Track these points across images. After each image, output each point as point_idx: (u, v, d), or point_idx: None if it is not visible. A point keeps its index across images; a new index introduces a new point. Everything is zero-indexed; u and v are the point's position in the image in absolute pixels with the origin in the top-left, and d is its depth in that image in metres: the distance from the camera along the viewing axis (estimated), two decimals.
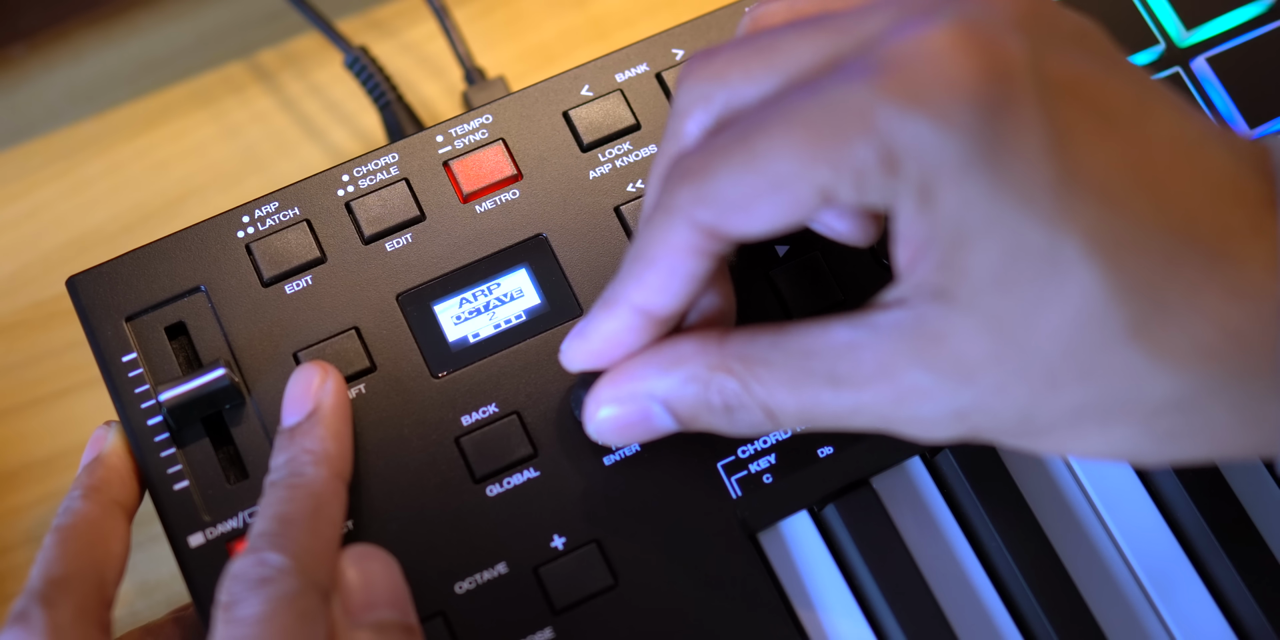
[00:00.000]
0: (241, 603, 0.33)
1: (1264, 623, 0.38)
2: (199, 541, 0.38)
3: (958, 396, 0.31)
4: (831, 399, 0.32)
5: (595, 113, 0.42)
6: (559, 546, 0.38)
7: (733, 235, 0.32)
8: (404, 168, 0.41)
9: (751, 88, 0.32)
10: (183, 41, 0.56)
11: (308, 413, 0.37)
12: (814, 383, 0.32)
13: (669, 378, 0.34)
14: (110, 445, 0.39)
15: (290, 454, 0.37)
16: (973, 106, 0.28)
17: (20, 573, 0.48)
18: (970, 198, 0.29)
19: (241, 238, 0.41)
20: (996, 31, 0.29)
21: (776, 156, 0.30)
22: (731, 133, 0.31)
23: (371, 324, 0.40)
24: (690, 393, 0.34)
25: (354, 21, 0.56)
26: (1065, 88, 0.29)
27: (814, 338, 0.32)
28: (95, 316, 0.40)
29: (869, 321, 0.31)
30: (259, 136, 0.54)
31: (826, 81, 0.30)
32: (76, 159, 0.54)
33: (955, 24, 0.29)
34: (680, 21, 0.44)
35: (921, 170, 0.29)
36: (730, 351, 0.33)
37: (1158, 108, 0.31)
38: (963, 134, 0.28)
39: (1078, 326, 0.29)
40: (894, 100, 0.29)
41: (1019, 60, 0.29)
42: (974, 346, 0.30)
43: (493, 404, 0.39)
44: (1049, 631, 0.38)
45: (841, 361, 0.32)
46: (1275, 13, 0.44)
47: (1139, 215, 0.29)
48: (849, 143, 0.29)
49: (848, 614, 0.39)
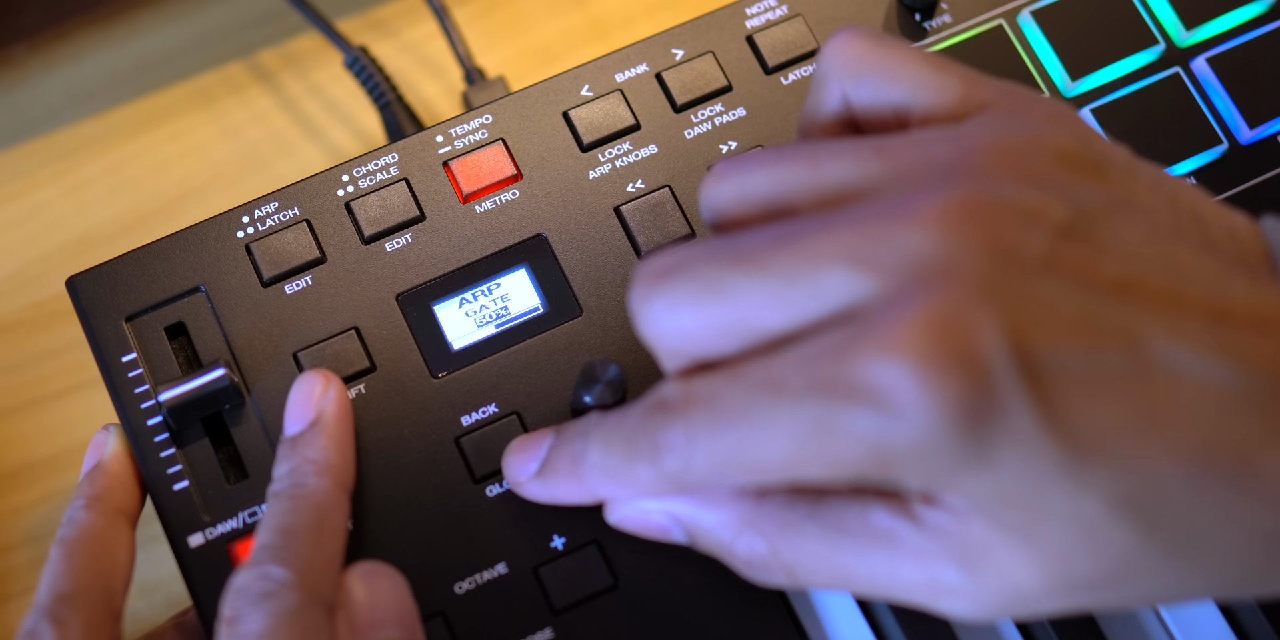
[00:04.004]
0: (245, 618, 0.33)
1: (1264, 623, 0.38)
2: (199, 542, 0.38)
3: (997, 599, 0.30)
4: (863, 577, 0.31)
5: (595, 113, 0.42)
6: (559, 546, 0.38)
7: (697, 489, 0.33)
8: (404, 168, 0.41)
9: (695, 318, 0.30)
10: (183, 41, 0.56)
11: (310, 421, 0.37)
12: (845, 560, 0.31)
13: (700, 514, 0.34)
14: (111, 451, 0.39)
15: (293, 464, 0.37)
16: (954, 420, 0.27)
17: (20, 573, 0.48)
18: (976, 492, 0.29)
19: (241, 238, 0.41)
20: (960, 314, 0.27)
21: (762, 451, 0.29)
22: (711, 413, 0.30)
23: (371, 324, 0.40)
24: (718, 537, 0.34)
25: (354, 21, 0.56)
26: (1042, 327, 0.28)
27: (852, 517, 0.31)
28: (95, 316, 0.40)
29: (912, 513, 0.30)
30: (259, 136, 0.54)
31: (795, 385, 0.28)
32: (76, 159, 0.54)
33: (912, 329, 0.27)
34: (680, 21, 0.44)
35: (920, 477, 0.29)
36: (766, 513, 0.33)
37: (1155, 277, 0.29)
38: (949, 445, 0.27)
39: (1115, 560, 0.29)
40: (869, 411, 0.27)
41: (990, 347, 0.27)
42: (1018, 568, 0.29)
43: (493, 404, 0.39)
44: (1049, 631, 0.38)
45: (877, 546, 0.31)
46: (1275, 13, 0.44)
47: (1152, 464, 0.28)
48: (833, 449, 0.28)
49: (847, 613, 0.39)
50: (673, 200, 0.41)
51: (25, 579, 0.48)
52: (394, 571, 0.36)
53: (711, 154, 0.42)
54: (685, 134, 0.42)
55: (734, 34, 0.43)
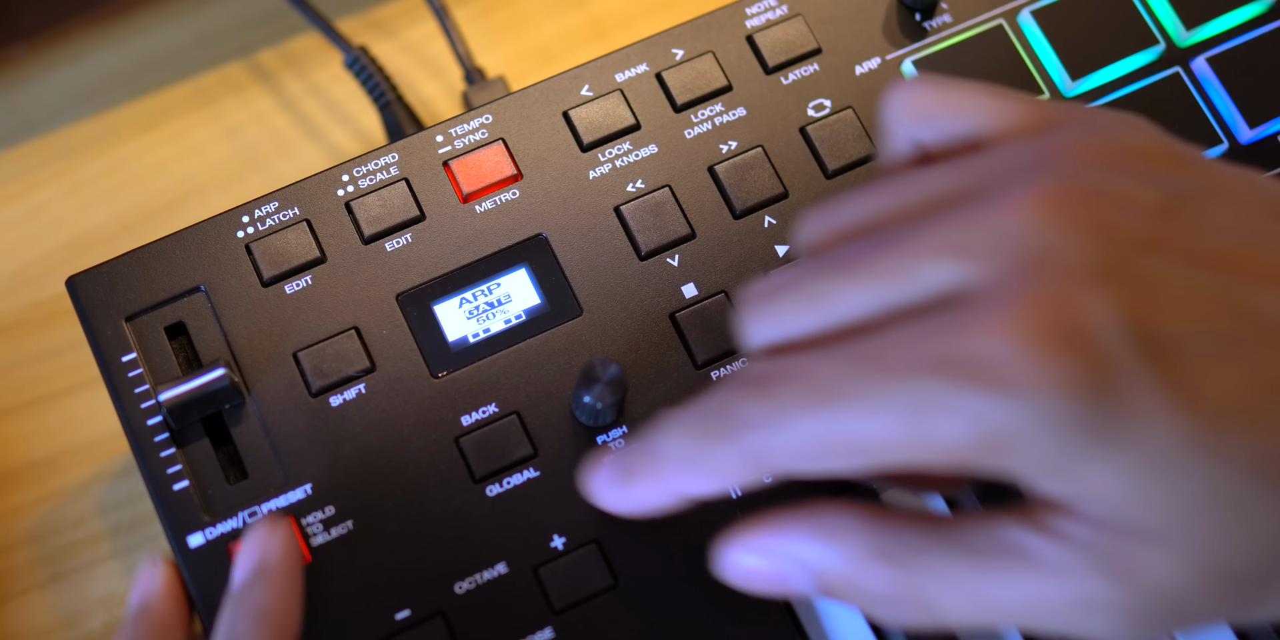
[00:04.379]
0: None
1: (1263, 623, 0.38)
2: (199, 542, 0.38)
3: (1152, 607, 0.28)
4: (1006, 602, 0.29)
5: (595, 113, 0.42)
6: (559, 546, 0.38)
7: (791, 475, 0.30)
8: (404, 168, 0.41)
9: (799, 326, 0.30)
10: (183, 41, 0.56)
11: (252, 570, 0.37)
12: (984, 585, 0.29)
13: (823, 549, 0.31)
14: (158, 592, 0.38)
15: (231, 618, 0.36)
16: (1073, 397, 0.26)
17: (20, 573, 0.48)
18: (1109, 474, 0.27)
19: (241, 238, 0.41)
20: (1071, 295, 0.27)
21: (859, 430, 0.28)
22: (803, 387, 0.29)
23: (371, 324, 0.40)
24: (845, 571, 0.31)
25: (354, 21, 0.56)
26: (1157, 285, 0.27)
27: (982, 537, 0.29)
28: (95, 316, 0.40)
29: (1044, 524, 0.29)
30: (259, 136, 0.54)
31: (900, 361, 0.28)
32: (76, 159, 0.54)
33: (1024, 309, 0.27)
34: (680, 21, 0.44)
35: (1038, 463, 0.27)
36: (894, 538, 0.30)
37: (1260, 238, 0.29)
38: (1068, 425, 0.26)
39: (1273, 539, 0.27)
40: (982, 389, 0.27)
41: (1105, 325, 0.26)
42: (1168, 568, 0.28)
43: (493, 404, 0.39)
44: None
45: (1015, 566, 0.29)
46: (1275, 13, 0.44)
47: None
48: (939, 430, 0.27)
49: (847, 613, 0.39)
50: (673, 200, 0.41)
51: (25, 579, 0.48)
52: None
53: (711, 154, 0.42)
54: (685, 134, 0.42)
55: (734, 34, 0.43)
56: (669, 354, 0.40)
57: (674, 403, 0.39)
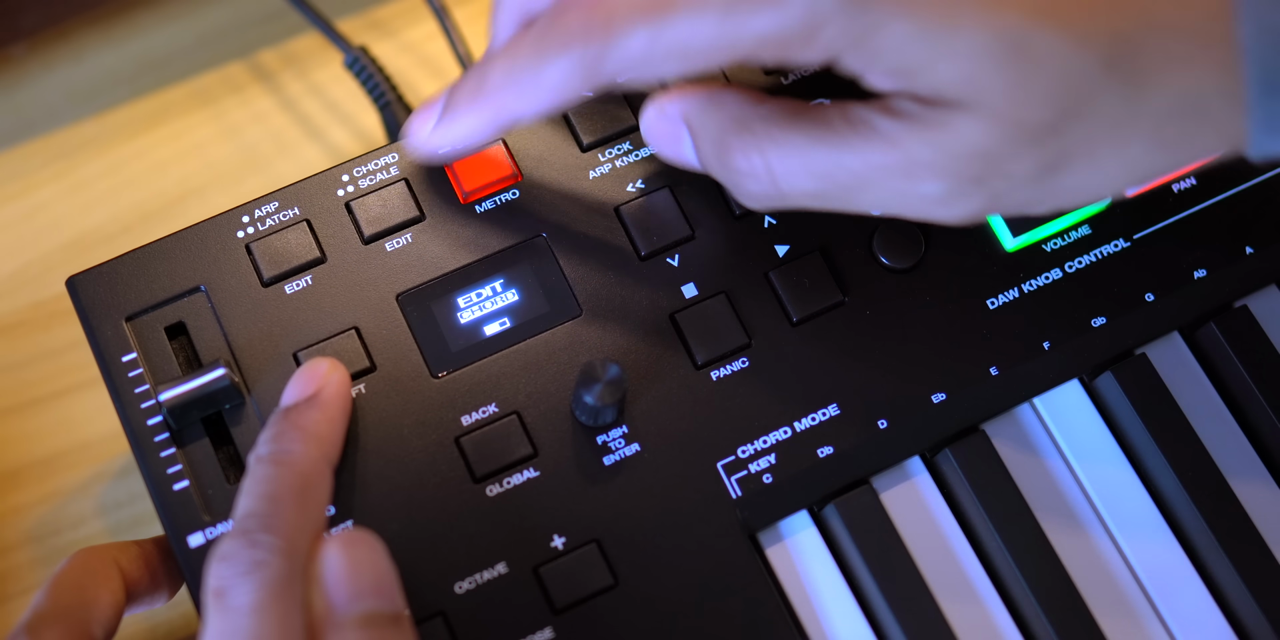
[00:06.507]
0: (233, 590, 0.32)
1: (1264, 623, 0.38)
2: (199, 542, 0.38)
3: (967, 168, 0.32)
4: (843, 172, 0.33)
5: (595, 113, 0.42)
6: (559, 546, 0.38)
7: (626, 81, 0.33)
8: (404, 168, 0.41)
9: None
10: (183, 41, 0.56)
11: (308, 395, 0.37)
12: (825, 155, 0.33)
13: (703, 115, 0.35)
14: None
15: (280, 429, 0.36)
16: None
17: (20, 573, 0.48)
18: (907, 37, 0.30)
19: (241, 238, 0.41)
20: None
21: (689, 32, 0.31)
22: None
23: (371, 324, 0.40)
24: (715, 137, 0.35)
25: (354, 21, 0.56)
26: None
27: (834, 113, 0.33)
28: (95, 316, 0.40)
29: (887, 106, 0.32)
30: (259, 136, 0.54)
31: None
32: (76, 159, 0.54)
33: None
34: None
35: (852, 34, 0.30)
36: (758, 110, 0.34)
37: None
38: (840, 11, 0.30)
39: (1057, 83, 0.30)
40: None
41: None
42: (974, 128, 0.31)
43: (493, 404, 0.39)
44: (1049, 631, 0.38)
45: (855, 136, 0.33)
46: None
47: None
48: (754, 26, 0.30)
49: (847, 613, 0.39)
50: (673, 200, 0.41)
51: (25, 579, 0.48)
52: (373, 538, 0.35)
53: None
54: None
55: None
56: (669, 354, 0.40)
57: (674, 403, 0.39)
